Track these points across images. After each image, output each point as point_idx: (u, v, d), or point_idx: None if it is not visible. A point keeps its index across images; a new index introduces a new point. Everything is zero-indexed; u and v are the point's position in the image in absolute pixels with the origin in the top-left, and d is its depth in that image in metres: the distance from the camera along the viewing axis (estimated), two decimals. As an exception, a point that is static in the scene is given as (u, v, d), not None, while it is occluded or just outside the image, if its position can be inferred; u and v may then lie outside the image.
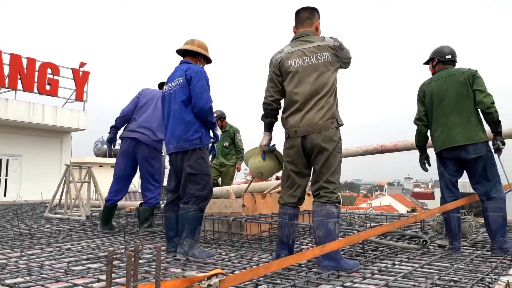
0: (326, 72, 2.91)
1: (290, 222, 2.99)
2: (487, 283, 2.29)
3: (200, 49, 3.56)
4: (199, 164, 3.27)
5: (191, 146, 3.27)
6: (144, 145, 4.59)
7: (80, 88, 13.51)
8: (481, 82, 3.41)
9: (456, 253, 3.43)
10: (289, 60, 2.99)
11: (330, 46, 2.94)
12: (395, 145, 6.23)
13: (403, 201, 52.21)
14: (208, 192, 3.29)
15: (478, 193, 3.45)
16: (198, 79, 3.31)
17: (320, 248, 2.50)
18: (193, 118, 3.30)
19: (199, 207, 3.21)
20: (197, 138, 3.29)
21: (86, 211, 6.31)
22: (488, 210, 3.35)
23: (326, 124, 2.84)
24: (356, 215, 6.41)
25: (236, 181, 7.71)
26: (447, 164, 3.55)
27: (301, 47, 3.00)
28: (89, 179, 6.76)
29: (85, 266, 2.87)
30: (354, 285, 2.37)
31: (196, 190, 3.23)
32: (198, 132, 3.30)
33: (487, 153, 3.38)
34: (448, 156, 3.52)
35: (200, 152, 3.30)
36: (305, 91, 2.90)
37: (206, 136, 3.39)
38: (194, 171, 3.26)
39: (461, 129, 3.41)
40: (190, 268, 2.85)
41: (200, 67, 3.45)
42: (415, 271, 2.68)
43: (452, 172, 3.55)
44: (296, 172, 3.00)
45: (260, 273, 2.11)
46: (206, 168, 3.33)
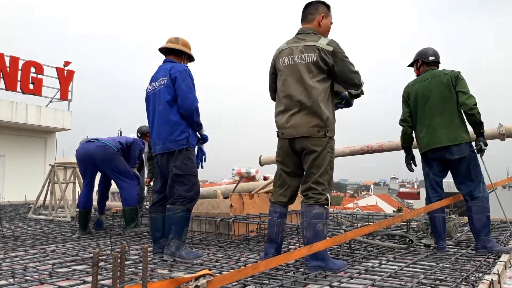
0: (308, 74, 2.78)
1: (279, 220, 2.98)
2: (472, 282, 2.32)
3: (184, 48, 3.52)
4: (186, 165, 3.25)
5: (178, 146, 3.25)
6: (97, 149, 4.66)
7: (64, 87, 13.30)
8: (464, 84, 3.46)
9: (441, 252, 3.48)
10: (280, 58, 2.95)
11: (318, 47, 2.77)
12: (381, 145, 6.29)
13: (389, 201, 52.70)
14: (195, 193, 3.27)
15: (462, 193, 3.50)
16: (183, 78, 3.28)
17: (308, 248, 2.51)
18: (179, 119, 3.27)
19: (186, 208, 3.19)
20: (184, 139, 3.26)
21: (71, 212, 6.23)
22: (472, 210, 3.40)
23: (310, 131, 2.77)
24: (343, 215, 6.46)
25: (223, 181, 7.69)
26: (432, 164, 3.60)
27: (292, 45, 2.91)
28: (75, 180, 6.67)
29: (70, 268, 2.83)
30: (341, 284, 2.38)
31: (183, 191, 3.21)
32: (185, 132, 3.28)
33: (470, 154, 3.43)
34: (433, 156, 3.56)
35: (187, 152, 3.27)
36: (290, 92, 2.84)
37: (193, 136, 3.36)
38: (181, 172, 3.24)
39: (445, 130, 3.46)
40: (177, 269, 2.83)
41: (184, 66, 3.43)
42: (401, 271, 2.71)
43: (436, 172, 3.60)
44: (286, 172, 3.00)
45: (247, 274, 2.11)
46: (193, 168, 3.31)
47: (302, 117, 2.78)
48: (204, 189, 7.28)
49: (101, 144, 4.61)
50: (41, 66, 12.74)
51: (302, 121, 2.78)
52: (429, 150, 3.56)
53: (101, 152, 4.57)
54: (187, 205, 3.21)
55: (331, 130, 2.81)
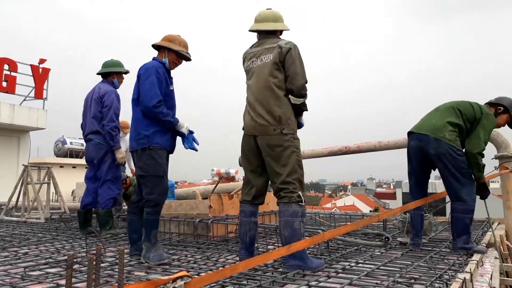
0: (266, 75, 2.94)
1: (245, 219, 3.03)
2: (445, 280, 2.38)
3: (163, 42, 3.38)
4: (148, 165, 3.13)
5: (138, 145, 3.17)
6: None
7: (39, 85, 12.96)
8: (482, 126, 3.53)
9: (417, 248, 3.56)
10: (247, 61, 3.16)
11: (276, 47, 2.94)
12: (358, 146, 6.38)
13: (366, 201, 53.47)
14: (158, 195, 3.12)
15: (448, 193, 3.54)
16: (147, 75, 3.19)
17: (286, 248, 2.52)
18: (141, 116, 3.19)
19: (151, 211, 3.09)
20: (143, 137, 3.15)
21: (45, 213, 6.07)
22: (456, 211, 3.44)
23: (266, 129, 2.87)
24: (321, 215, 6.51)
25: (202, 181, 7.65)
26: (414, 162, 3.66)
27: (256, 48, 3.12)
28: (49, 180, 6.51)
29: (43, 271, 2.76)
30: (319, 284, 2.40)
31: (145, 193, 3.14)
32: (146, 130, 3.15)
33: (451, 154, 3.40)
34: (414, 145, 3.63)
35: (150, 152, 3.13)
36: (251, 91, 3.04)
37: (159, 135, 3.18)
38: (143, 173, 3.15)
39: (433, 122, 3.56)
40: (154, 271, 2.80)
41: (154, 63, 3.29)
42: (377, 269, 2.75)
43: (417, 170, 3.67)
44: (250, 170, 3.07)
45: (226, 275, 2.10)
46: (156, 169, 3.14)
47: (258, 115, 2.92)
48: (183, 189, 7.22)
49: (94, 142, 4.57)
50: (15, 64, 12.37)
51: (259, 119, 2.91)
52: (410, 133, 3.68)
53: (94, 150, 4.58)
54: (151, 208, 3.09)
55: (287, 128, 2.86)
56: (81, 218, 4.59)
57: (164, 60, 3.34)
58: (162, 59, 3.35)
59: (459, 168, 3.42)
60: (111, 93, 4.56)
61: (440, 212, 8.66)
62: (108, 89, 4.59)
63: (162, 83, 3.23)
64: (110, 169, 4.53)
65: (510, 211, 5.02)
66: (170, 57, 3.37)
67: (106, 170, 4.51)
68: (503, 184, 5.10)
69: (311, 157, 6.86)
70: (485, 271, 2.91)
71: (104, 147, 4.53)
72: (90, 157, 4.63)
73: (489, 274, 2.82)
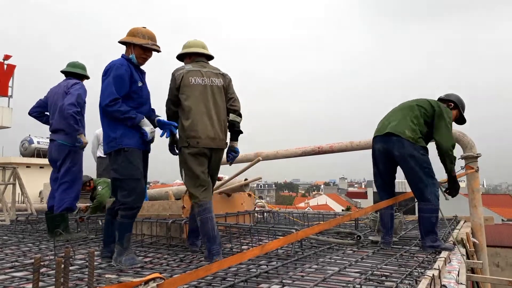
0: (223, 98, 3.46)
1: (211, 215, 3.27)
2: (415, 277, 2.43)
3: (126, 38, 3.23)
4: (123, 168, 3.03)
5: (109, 148, 3.09)
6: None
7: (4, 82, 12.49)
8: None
9: (387, 246, 3.63)
10: (190, 77, 3.35)
11: (222, 74, 3.48)
12: (331, 146, 6.47)
13: (338, 200, 54.27)
14: (134, 200, 3.03)
15: (414, 193, 3.63)
16: (105, 76, 3.10)
17: (260, 248, 2.52)
18: (107, 119, 3.11)
19: (126, 214, 3.03)
20: (112, 140, 3.07)
21: (11, 215, 5.86)
22: (423, 211, 3.53)
23: (222, 144, 3.44)
24: (295, 214, 6.56)
25: (175, 182, 7.56)
26: (380, 164, 3.74)
27: (198, 68, 3.41)
28: (14, 181, 6.27)
29: (9, 275, 2.66)
30: (293, 282, 2.41)
31: (121, 196, 3.06)
32: (114, 132, 3.06)
33: (414, 154, 3.48)
34: (379, 148, 3.69)
35: (124, 154, 3.03)
36: (212, 108, 3.41)
37: (127, 135, 3.07)
38: (118, 176, 3.06)
39: (395, 123, 3.63)
40: (126, 273, 2.74)
41: (117, 60, 3.18)
42: (350, 267, 2.80)
43: (384, 172, 3.74)
44: (206, 173, 3.38)
45: (199, 276, 2.08)
46: (131, 171, 3.04)
47: (221, 131, 3.36)
48: (155, 190, 7.11)
49: (57, 143, 4.41)
50: (-23, 60, 11.89)
51: (221, 135, 3.37)
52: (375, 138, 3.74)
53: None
54: (125, 212, 3.02)
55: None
56: (48, 220, 4.43)
57: (131, 56, 3.22)
58: (129, 55, 3.23)
59: (422, 167, 3.50)
60: (80, 84, 4.45)
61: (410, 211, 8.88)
62: (77, 81, 4.49)
63: (124, 81, 3.10)
64: (67, 172, 4.36)
65: (475, 210, 5.21)
66: (136, 52, 3.22)
67: (64, 172, 4.36)
68: (469, 184, 5.29)
69: (285, 157, 6.90)
70: (452, 267, 3.01)
71: (66, 149, 4.37)
72: (53, 158, 4.47)
73: (456, 271, 2.92)
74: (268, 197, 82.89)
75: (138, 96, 3.21)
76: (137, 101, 3.20)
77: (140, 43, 3.21)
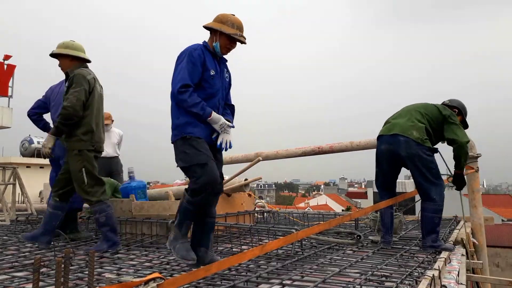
0: None
1: None
2: (415, 277, 2.43)
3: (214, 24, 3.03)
4: (188, 155, 2.85)
5: (174, 137, 2.94)
6: None
7: (4, 82, 12.49)
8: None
9: (387, 246, 3.64)
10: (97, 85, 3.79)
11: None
12: (331, 146, 6.47)
13: (338, 200, 54.26)
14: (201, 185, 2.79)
15: (419, 192, 3.63)
16: (179, 62, 2.95)
17: (260, 248, 2.52)
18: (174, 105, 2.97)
19: (190, 200, 2.84)
20: (175, 128, 2.92)
21: (11, 215, 5.85)
22: (426, 210, 3.53)
23: None
24: (295, 214, 6.57)
25: (176, 182, 7.56)
26: (384, 165, 3.73)
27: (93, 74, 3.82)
28: (14, 181, 6.27)
29: (9, 275, 2.65)
30: (293, 282, 2.41)
31: (192, 183, 2.85)
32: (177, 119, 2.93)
33: (421, 155, 3.48)
34: (384, 149, 3.68)
35: (188, 141, 2.85)
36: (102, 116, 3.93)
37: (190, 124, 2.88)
38: (183, 164, 2.90)
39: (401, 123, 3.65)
40: (126, 273, 2.74)
41: (193, 45, 3.02)
42: (350, 267, 2.80)
43: (387, 172, 3.74)
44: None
45: (199, 276, 2.08)
46: (198, 157, 2.81)
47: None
48: (155, 190, 7.10)
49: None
50: (-23, 60, 11.89)
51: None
52: (380, 137, 3.75)
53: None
54: (190, 197, 2.82)
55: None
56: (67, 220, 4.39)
57: (215, 45, 2.99)
58: (212, 43, 3.01)
59: (428, 168, 3.51)
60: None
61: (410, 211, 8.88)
62: None
63: (196, 67, 2.88)
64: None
65: (475, 210, 5.21)
66: (222, 41, 2.98)
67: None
68: (469, 184, 5.28)
69: (285, 157, 6.90)
70: (452, 268, 3.01)
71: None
72: (56, 155, 4.43)
73: (456, 271, 2.92)
74: (268, 197, 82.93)
75: (209, 86, 2.95)
76: (208, 92, 2.94)
77: (229, 32, 2.95)
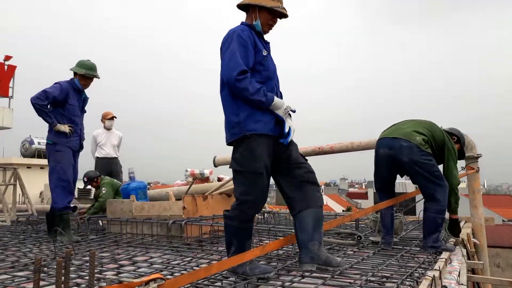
0: None
1: None
2: (416, 278, 2.43)
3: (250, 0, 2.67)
4: (243, 158, 2.52)
5: (232, 137, 2.58)
6: None
7: (4, 83, 12.49)
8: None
9: (388, 247, 3.63)
10: None
11: None
12: (331, 147, 6.46)
13: (339, 200, 54.16)
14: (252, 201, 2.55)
15: (423, 193, 3.60)
16: (227, 45, 2.59)
17: (261, 248, 2.53)
18: (229, 99, 2.59)
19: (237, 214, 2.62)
20: (235, 125, 2.53)
21: (12, 216, 5.86)
22: (429, 210, 3.51)
23: None
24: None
25: (176, 182, 7.56)
26: (383, 168, 3.71)
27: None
28: (15, 182, 6.28)
29: (10, 274, 2.66)
30: (293, 284, 2.41)
31: (238, 193, 2.63)
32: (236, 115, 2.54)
33: (423, 161, 3.44)
34: (383, 153, 3.64)
35: (248, 141, 2.51)
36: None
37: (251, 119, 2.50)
38: (236, 167, 2.59)
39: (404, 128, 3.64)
40: (127, 273, 2.74)
41: (237, 27, 2.68)
42: (350, 268, 2.79)
43: (386, 175, 3.73)
44: None
45: (200, 276, 2.09)
46: (253, 164, 2.49)
47: None
48: (156, 191, 7.12)
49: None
50: (-22, 60, 11.90)
51: None
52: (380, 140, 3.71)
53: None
54: (237, 210, 2.56)
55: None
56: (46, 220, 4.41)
57: (256, 23, 2.66)
58: (253, 22, 2.67)
59: (431, 171, 3.47)
60: (57, 83, 4.41)
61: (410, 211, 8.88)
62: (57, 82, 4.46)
63: (248, 49, 2.56)
64: (51, 172, 4.29)
65: (476, 210, 5.20)
66: (262, 17, 2.65)
67: (49, 172, 4.30)
68: (469, 184, 5.28)
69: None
70: (453, 268, 3.01)
71: (48, 147, 4.34)
72: None
73: (457, 272, 2.92)
74: (269, 197, 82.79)
75: (264, 68, 2.64)
76: (263, 75, 2.63)
77: (270, 5, 2.62)
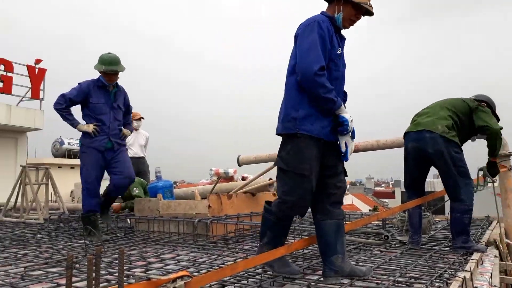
0: None
1: None
2: (445, 279, 2.38)
3: None
4: (290, 157, 2.41)
5: (283, 129, 2.46)
6: None
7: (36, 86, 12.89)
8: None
9: (416, 246, 3.56)
10: None
11: None
12: (356, 145, 6.38)
13: (365, 200, 53.44)
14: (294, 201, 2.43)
15: (447, 193, 3.54)
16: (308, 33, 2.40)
17: (286, 247, 2.52)
18: (294, 91, 2.43)
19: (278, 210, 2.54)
20: (291, 120, 2.40)
21: (44, 214, 6.06)
22: (455, 211, 3.43)
23: None
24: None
25: (201, 181, 7.64)
26: (411, 163, 3.65)
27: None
28: (47, 181, 6.49)
29: (44, 270, 2.75)
30: (319, 284, 2.40)
31: (281, 192, 2.52)
32: (295, 111, 2.41)
33: (449, 152, 3.37)
34: (411, 146, 3.58)
35: (297, 140, 2.38)
36: None
37: (309, 119, 2.38)
38: (282, 165, 2.46)
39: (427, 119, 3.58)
40: (155, 270, 2.80)
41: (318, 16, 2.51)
42: (377, 269, 2.75)
43: (414, 170, 3.67)
44: None
45: (226, 274, 2.10)
46: (299, 165, 2.37)
47: None
48: (182, 189, 7.21)
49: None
50: (10, 64, 12.31)
51: None
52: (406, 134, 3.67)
53: None
54: (278, 207, 2.48)
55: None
56: None
57: (337, 16, 2.48)
58: (334, 14, 2.49)
59: (457, 166, 3.39)
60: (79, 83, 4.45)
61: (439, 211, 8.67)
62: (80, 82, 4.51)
63: (326, 44, 2.39)
64: (80, 174, 4.37)
65: (509, 210, 5.03)
66: (346, 11, 2.48)
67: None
68: (501, 183, 5.11)
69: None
70: (485, 269, 2.91)
71: (80, 149, 4.46)
72: None
73: (489, 273, 2.83)
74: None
75: (335, 68, 2.47)
76: (333, 75, 2.46)
77: (357, 0, 2.45)
